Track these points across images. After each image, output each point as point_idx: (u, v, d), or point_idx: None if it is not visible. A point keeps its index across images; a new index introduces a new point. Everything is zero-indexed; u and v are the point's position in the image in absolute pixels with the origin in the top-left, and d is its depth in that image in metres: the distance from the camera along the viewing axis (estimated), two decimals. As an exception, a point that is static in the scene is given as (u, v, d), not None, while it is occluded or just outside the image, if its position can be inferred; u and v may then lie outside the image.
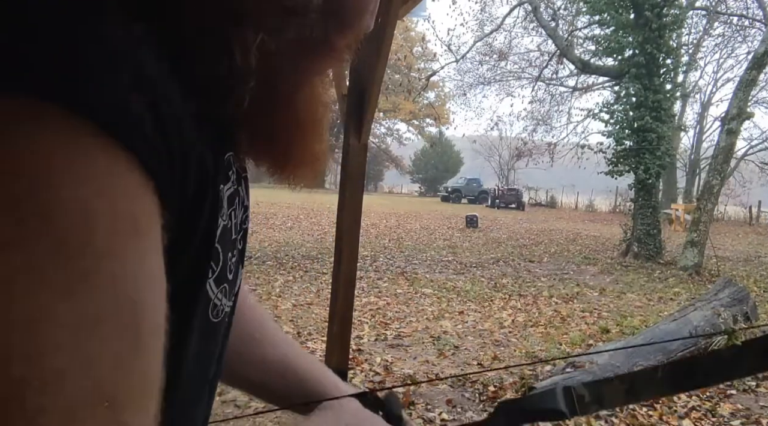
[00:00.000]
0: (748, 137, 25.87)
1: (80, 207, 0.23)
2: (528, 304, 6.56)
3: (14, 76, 0.23)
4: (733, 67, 25.60)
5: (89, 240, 0.23)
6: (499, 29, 18.63)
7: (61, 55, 0.24)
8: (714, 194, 9.78)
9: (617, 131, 11.57)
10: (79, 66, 0.24)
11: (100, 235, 0.23)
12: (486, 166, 44.73)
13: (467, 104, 39.34)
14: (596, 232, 16.85)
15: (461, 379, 3.90)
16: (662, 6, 10.76)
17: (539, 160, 26.97)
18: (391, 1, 1.64)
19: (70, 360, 0.22)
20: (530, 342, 4.93)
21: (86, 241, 0.23)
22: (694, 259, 9.50)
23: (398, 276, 8.06)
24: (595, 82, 21.68)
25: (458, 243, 12.64)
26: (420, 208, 25.55)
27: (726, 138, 9.79)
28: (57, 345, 0.22)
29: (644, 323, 5.59)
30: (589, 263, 10.33)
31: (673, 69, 11.96)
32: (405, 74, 25.06)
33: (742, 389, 3.85)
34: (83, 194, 0.23)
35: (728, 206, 27.38)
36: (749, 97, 11.33)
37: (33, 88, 0.23)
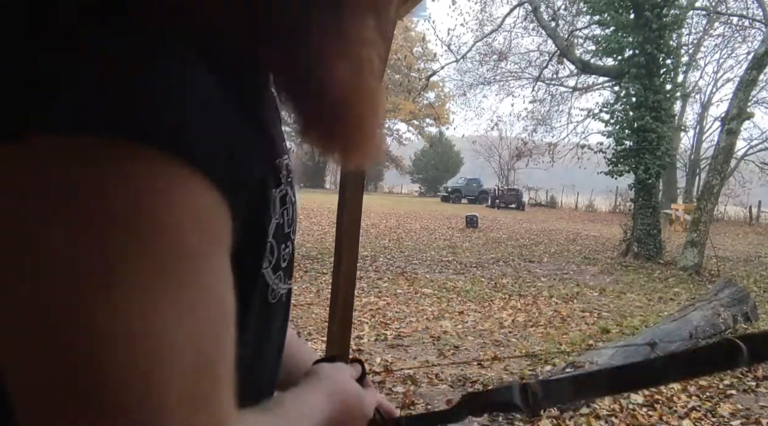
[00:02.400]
0: (748, 137, 25.86)
1: (181, 227, 0.31)
2: (528, 304, 6.56)
3: (124, 125, 0.30)
4: (733, 67, 25.55)
5: (189, 249, 0.32)
6: (499, 29, 18.63)
7: (157, 110, 0.31)
8: (714, 194, 9.79)
9: (617, 131, 11.57)
10: (177, 121, 0.32)
11: (195, 244, 0.32)
12: (486, 166, 44.71)
13: (467, 104, 39.21)
14: (596, 232, 16.85)
15: (461, 379, 3.91)
16: (662, 6, 10.76)
17: (539, 160, 26.95)
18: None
19: (185, 334, 0.31)
20: (530, 342, 4.93)
21: (187, 249, 0.32)
22: (694, 259, 9.50)
23: (398, 276, 8.06)
24: (595, 82, 21.68)
25: (458, 243, 12.64)
26: (420, 208, 25.56)
27: (726, 138, 9.79)
28: (178, 323, 0.31)
29: (644, 323, 5.59)
30: (589, 263, 10.33)
31: (673, 69, 11.96)
32: (405, 74, 25.04)
33: (742, 389, 3.85)
34: (182, 218, 0.31)
35: (728, 206, 27.37)
36: (749, 97, 11.33)
37: (139, 136, 0.30)
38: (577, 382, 0.73)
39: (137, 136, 0.30)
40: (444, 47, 20.47)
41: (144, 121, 0.31)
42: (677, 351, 0.72)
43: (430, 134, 44.21)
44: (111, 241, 0.29)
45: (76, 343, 0.29)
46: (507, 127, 33.13)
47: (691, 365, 0.69)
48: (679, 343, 4.22)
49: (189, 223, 0.32)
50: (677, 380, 0.77)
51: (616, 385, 0.75)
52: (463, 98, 25.86)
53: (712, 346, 0.66)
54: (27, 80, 0.31)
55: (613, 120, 11.76)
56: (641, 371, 0.71)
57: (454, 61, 20.04)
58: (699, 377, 0.61)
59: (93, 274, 0.29)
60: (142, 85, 0.31)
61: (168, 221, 0.31)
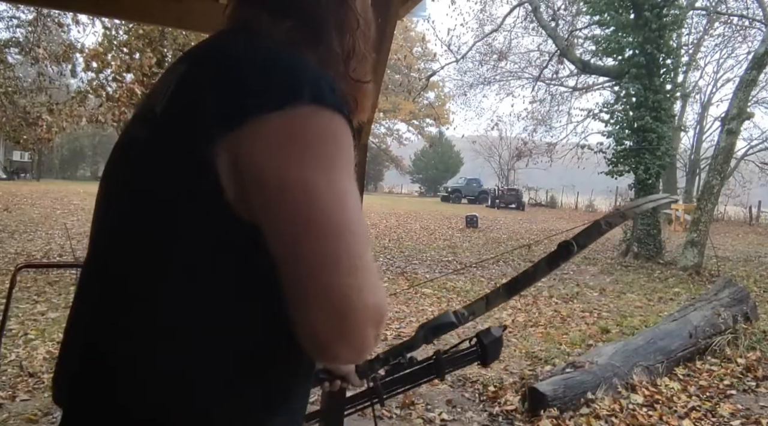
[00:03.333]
0: (748, 137, 25.82)
1: (348, 144, 0.64)
2: (528, 304, 6.56)
3: (331, 103, 0.64)
4: (733, 67, 25.50)
5: (349, 156, 0.64)
6: (499, 29, 18.61)
7: (335, 98, 0.65)
8: (714, 194, 9.78)
9: (617, 131, 11.57)
10: (338, 98, 0.66)
11: (350, 154, 0.65)
12: (486, 166, 44.68)
13: (467, 104, 39.36)
14: (596, 232, 16.83)
15: (461, 379, 3.90)
16: (662, 6, 10.75)
17: (539, 160, 26.93)
18: (391, 1, 1.64)
19: (357, 204, 0.62)
20: (530, 342, 4.93)
21: (349, 157, 0.64)
22: (694, 259, 9.50)
23: (398, 276, 8.06)
24: (595, 82, 21.66)
25: (458, 243, 12.64)
26: (420, 208, 25.55)
27: (726, 138, 9.79)
28: (355, 199, 0.62)
29: (644, 323, 5.59)
30: (589, 263, 10.33)
31: (673, 69, 11.95)
32: (405, 74, 25.01)
33: (742, 389, 3.85)
34: (348, 141, 0.65)
35: (728, 206, 27.37)
36: (749, 97, 11.32)
37: (336, 107, 0.64)
38: (488, 299, 1.12)
39: (335, 107, 0.64)
40: (444, 47, 20.53)
41: (338, 103, 0.65)
42: (539, 260, 1.13)
43: (430, 134, 44.16)
44: (339, 151, 0.63)
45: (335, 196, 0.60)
46: (507, 127, 33.10)
47: (550, 263, 1.11)
48: (679, 343, 4.22)
49: (350, 143, 0.65)
50: (543, 276, 1.15)
51: (509, 293, 1.13)
52: (463, 98, 25.82)
53: (557, 248, 1.09)
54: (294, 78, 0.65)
55: (613, 120, 11.75)
56: (522, 278, 1.11)
57: (454, 61, 20.03)
58: (555, 270, 0.91)
59: (338, 167, 0.62)
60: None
61: (345, 143, 0.64)
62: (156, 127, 0.68)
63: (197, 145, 0.62)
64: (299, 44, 0.72)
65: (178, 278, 0.64)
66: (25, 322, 4.80)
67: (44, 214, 13.78)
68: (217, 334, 0.64)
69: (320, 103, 0.62)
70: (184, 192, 0.63)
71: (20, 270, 2.54)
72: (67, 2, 2.37)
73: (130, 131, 0.74)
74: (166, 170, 0.65)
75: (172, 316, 0.64)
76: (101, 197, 0.75)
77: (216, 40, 0.75)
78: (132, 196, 0.69)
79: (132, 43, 8.26)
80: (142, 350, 0.64)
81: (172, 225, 0.64)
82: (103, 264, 0.71)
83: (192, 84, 0.67)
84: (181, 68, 0.71)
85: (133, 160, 0.71)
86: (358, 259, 0.58)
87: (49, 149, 25.36)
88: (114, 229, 0.71)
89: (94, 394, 0.66)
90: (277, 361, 0.69)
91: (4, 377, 3.55)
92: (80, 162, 44.37)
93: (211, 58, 0.69)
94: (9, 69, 10.50)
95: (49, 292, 6.02)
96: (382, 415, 3.26)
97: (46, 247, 9.26)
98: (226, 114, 0.61)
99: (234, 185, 0.61)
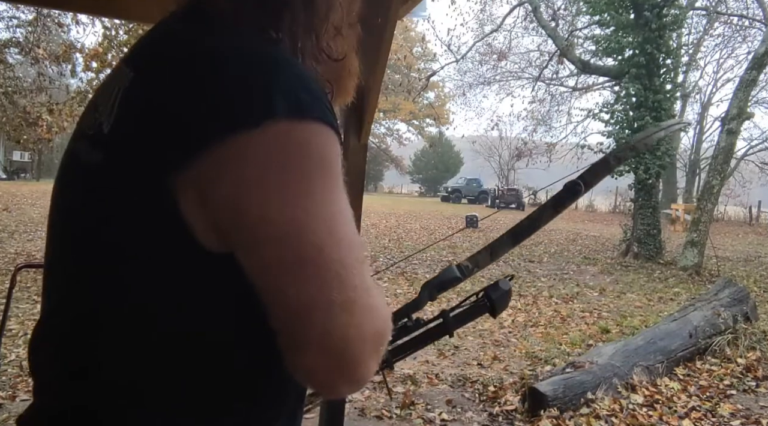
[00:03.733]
0: (748, 137, 25.78)
1: (334, 155, 0.56)
2: (528, 304, 6.56)
3: (310, 113, 0.55)
4: (733, 67, 25.50)
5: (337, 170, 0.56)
6: (499, 29, 18.60)
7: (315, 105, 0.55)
8: (714, 194, 9.78)
9: (617, 131, 11.56)
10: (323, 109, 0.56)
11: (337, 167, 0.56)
12: (486, 166, 44.65)
13: (467, 104, 39.31)
14: (596, 232, 16.85)
15: (461, 379, 3.90)
16: (662, 6, 10.75)
17: (539, 160, 26.93)
18: (391, 1, 1.63)
19: (349, 225, 0.55)
20: (530, 342, 4.93)
21: (337, 171, 0.56)
22: (694, 259, 9.50)
23: (398, 276, 8.06)
24: (595, 82, 21.66)
25: (458, 243, 12.64)
26: (420, 208, 25.55)
27: (726, 138, 9.79)
28: (346, 219, 0.55)
29: (644, 323, 5.59)
30: (589, 263, 10.33)
31: (673, 69, 11.94)
32: (405, 74, 25.00)
33: (742, 389, 3.85)
34: (334, 153, 0.56)
35: (728, 206, 27.36)
36: (749, 97, 11.32)
37: (316, 116, 0.55)
38: (492, 249, 1.06)
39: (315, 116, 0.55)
40: (444, 47, 20.48)
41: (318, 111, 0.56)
42: (545, 202, 1.10)
43: (430, 134, 44.13)
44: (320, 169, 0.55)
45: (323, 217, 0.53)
46: (507, 127, 33.11)
47: (556, 205, 1.05)
48: (679, 343, 4.22)
49: (336, 157, 0.56)
50: (549, 220, 1.07)
51: (515, 240, 1.07)
52: (463, 98, 25.81)
53: (563, 189, 1.04)
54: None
55: (613, 120, 11.75)
56: (527, 223, 1.06)
57: (454, 61, 20.02)
58: (561, 212, 0.86)
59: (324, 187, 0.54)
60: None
61: (332, 157, 0.56)
62: (105, 148, 0.58)
63: (152, 173, 0.53)
64: (265, 26, 0.62)
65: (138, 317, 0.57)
66: (25, 322, 4.80)
67: (44, 214, 13.74)
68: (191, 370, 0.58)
69: (298, 115, 0.53)
70: (141, 226, 0.55)
71: (20, 270, 2.54)
72: (67, 2, 2.37)
73: (75, 151, 0.64)
74: (120, 200, 0.56)
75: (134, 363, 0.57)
76: (50, 225, 0.67)
77: (163, 34, 0.63)
78: (82, 229, 0.60)
79: (132, 43, 8.26)
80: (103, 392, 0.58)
81: (129, 260, 0.56)
82: (57, 296, 0.64)
83: (140, 96, 0.57)
84: (128, 75, 0.60)
85: (82, 188, 0.61)
86: (352, 292, 0.52)
87: (49, 149, 25.34)
88: (65, 259, 0.63)
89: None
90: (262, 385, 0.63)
91: (4, 377, 3.55)
92: (80, 162, 44.41)
93: (159, 62, 0.59)
94: (9, 69, 10.50)
95: (49, 292, 6.02)
96: (383, 414, 3.26)
97: (46, 247, 9.25)
98: (183, 136, 0.52)
99: (200, 219, 0.54)
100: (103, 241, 0.58)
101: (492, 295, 0.98)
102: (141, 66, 0.61)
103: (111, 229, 0.57)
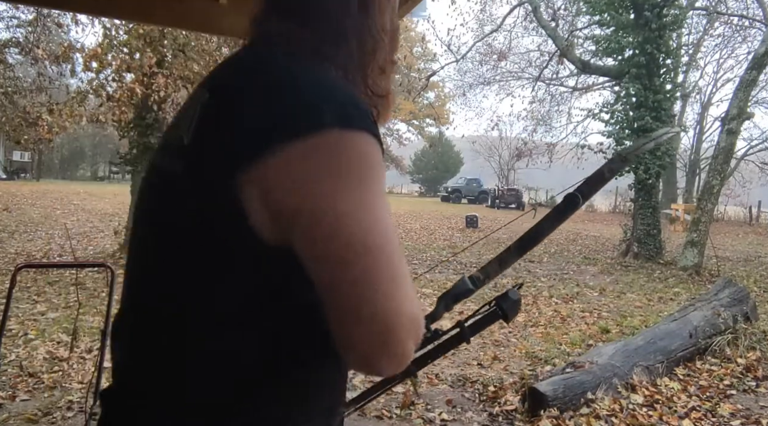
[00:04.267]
0: (748, 137, 25.77)
1: (377, 161, 0.64)
2: (528, 304, 6.56)
3: (357, 124, 0.63)
4: (733, 67, 25.48)
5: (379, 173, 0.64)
6: (499, 29, 18.59)
7: (362, 118, 0.65)
8: (714, 194, 9.78)
9: (617, 131, 11.56)
10: (369, 122, 0.65)
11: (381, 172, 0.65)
12: (486, 166, 44.63)
13: (467, 104, 39.41)
14: (596, 232, 16.85)
15: (461, 379, 3.90)
16: (662, 6, 10.75)
17: (539, 160, 26.93)
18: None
19: (390, 220, 0.64)
20: (530, 342, 4.93)
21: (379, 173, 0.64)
22: (694, 259, 9.50)
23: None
24: (595, 82, 21.65)
25: (458, 243, 12.64)
26: (420, 208, 25.54)
27: (726, 138, 9.79)
28: (388, 214, 0.64)
29: (644, 323, 5.59)
30: (589, 263, 10.33)
31: (673, 69, 11.94)
32: (405, 74, 25.00)
33: (742, 389, 3.85)
34: (377, 158, 0.64)
35: (728, 206, 27.36)
36: (749, 98, 11.32)
37: (362, 127, 0.64)
38: (500, 260, 1.18)
39: (362, 127, 0.64)
40: (444, 47, 20.49)
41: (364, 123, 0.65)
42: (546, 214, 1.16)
43: (430, 134, 44.11)
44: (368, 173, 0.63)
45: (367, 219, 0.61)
46: (507, 127, 33.20)
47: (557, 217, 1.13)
48: (679, 343, 4.22)
49: (380, 164, 0.65)
50: (550, 231, 1.16)
51: (521, 251, 1.16)
52: (463, 98, 25.80)
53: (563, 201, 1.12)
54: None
55: (613, 120, 11.75)
56: (530, 235, 1.14)
57: (454, 61, 20.02)
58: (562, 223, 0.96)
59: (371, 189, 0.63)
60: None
61: (377, 164, 0.64)
62: (185, 158, 0.68)
63: (223, 175, 0.62)
64: (323, 58, 0.72)
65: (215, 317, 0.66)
66: (25, 322, 4.80)
67: (44, 214, 13.78)
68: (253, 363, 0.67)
69: (347, 126, 0.62)
70: (213, 225, 0.64)
71: (20, 270, 2.53)
72: (67, 2, 2.37)
73: (160, 164, 0.75)
74: (198, 202, 0.65)
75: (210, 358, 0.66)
76: (138, 233, 0.77)
77: (236, 61, 0.75)
78: (169, 231, 0.69)
79: (132, 43, 8.26)
80: (176, 384, 0.68)
81: (208, 260, 0.66)
82: (142, 304, 0.73)
83: (214, 112, 0.67)
84: (204, 95, 0.70)
85: (165, 195, 0.71)
86: (396, 278, 0.61)
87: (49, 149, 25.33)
88: (152, 260, 0.72)
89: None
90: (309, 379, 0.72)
91: (4, 377, 3.55)
92: (80, 162, 44.34)
93: (233, 85, 0.69)
94: (9, 69, 10.50)
95: (49, 292, 6.02)
96: (383, 414, 3.26)
97: (46, 247, 9.26)
98: (251, 141, 0.62)
99: (262, 214, 0.62)
100: (181, 242, 0.67)
101: (503, 305, 1.07)
102: (216, 87, 0.71)
103: (189, 231, 0.66)
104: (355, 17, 0.74)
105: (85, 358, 4.01)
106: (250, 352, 0.67)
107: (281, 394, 0.70)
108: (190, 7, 2.10)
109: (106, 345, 2.53)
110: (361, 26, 0.74)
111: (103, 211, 15.33)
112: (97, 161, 42.86)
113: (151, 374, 0.69)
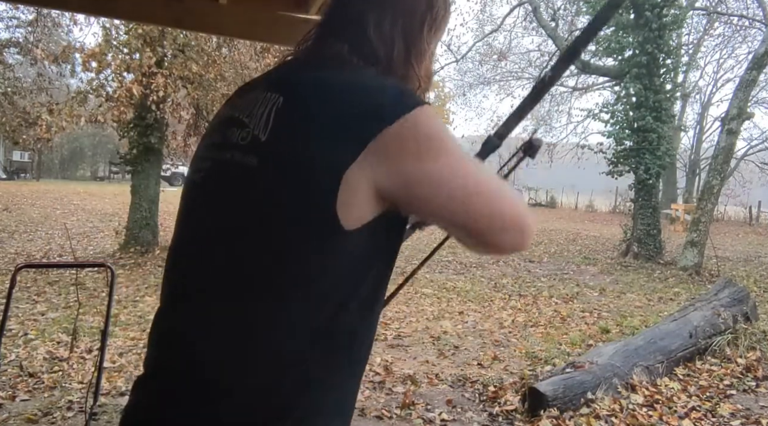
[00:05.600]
0: (748, 137, 25.72)
1: (443, 125, 0.79)
2: (528, 304, 6.56)
3: (419, 102, 0.78)
4: (733, 67, 25.40)
5: (449, 130, 0.80)
6: (499, 29, 18.63)
7: (418, 98, 0.79)
8: (714, 194, 9.78)
9: (617, 131, 11.56)
10: (422, 100, 0.80)
11: (448, 129, 0.80)
12: (486, 166, 44.59)
13: (467, 104, 39.32)
14: (596, 232, 16.84)
15: (461, 379, 3.90)
16: (662, 6, 10.75)
17: (539, 160, 26.89)
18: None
19: (469, 159, 0.80)
20: (530, 342, 4.93)
21: (450, 131, 0.80)
22: (694, 259, 9.50)
23: (398, 276, 8.00)
24: (595, 82, 21.66)
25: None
26: (420, 208, 25.46)
27: (726, 138, 9.78)
28: (465, 155, 0.79)
29: (644, 323, 5.59)
30: (589, 263, 10.33)
31: (673, 69, 11.93)
32: (405, 74, 24.99)
33: (742, 389, 3.85)
34: (441, 122, 0.79)
35: (728, 206, 27.32)
36: (749, 98, 11.31)
37: (422, 102, 0.78)
38: (519, 112, 1.29)
39: (424, 103, 0.78)
40: (444, 47, 20.46)
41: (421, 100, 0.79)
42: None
43: (430, 134, 44.07)
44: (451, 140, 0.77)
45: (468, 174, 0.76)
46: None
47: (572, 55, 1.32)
48: (679, 343, 4.22)
49: (448, 131, 0.79)
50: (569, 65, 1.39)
51: (535, 99, 1.29)
52: (463, 98, 25.87)
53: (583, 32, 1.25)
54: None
55: (613, 120, 11.74)
56: (550, 75, 1.28)
57: (454, 61, 20.04)
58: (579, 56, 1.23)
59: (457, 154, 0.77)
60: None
61: (446, 131, 0.78)
62: (262, 153, 0.77)
63: (322, 164, 0.72)
64: (371, 63, 0.86)
65: (298, 299, 0.74)
66: (25, 322, 4.80)
67: (44, 214, 13.78)
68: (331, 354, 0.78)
69: (418, 104, 0.76)
70: (305, 210, 0.73)
71: (20, 270, 2.53)
72: (67, 2, 2.37)
73: (225, 159, 0.81)
74: (283, 189, 0.74)
75: (293, 344, 0.75)
76: (197, 223, 0.84)
77: (306, 70, 0.86)
78: (245, 217, 0.77)
79: (132, 43, 8.26)
80: (262, 378, 0.74)
81: (296, 244, 0.74)
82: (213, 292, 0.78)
83: (295, 113, 0.77)
84: (275, 97, 0.80)
85: (238, 188, 0.79)
86: (502, 191, 0.77)
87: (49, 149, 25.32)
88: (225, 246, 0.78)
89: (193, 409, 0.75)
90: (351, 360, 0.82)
91: (4, 377, 3.55)
92: (80, 162, 44.31)
93: (315, 87, 0.80)
94: (9, 69, 10.50)
95: (49, 292, 6.02)
96: (383, 414, 3.26)
97: (46, 247, 9.26)
98: (350, 137, 0.73)
99: (366, 193, 0.73)
100: (261, 227, 0.76)
101: (528, 151, 1.26)
102: (289, 91, 0.81)
103: (270, 216, 0.75)
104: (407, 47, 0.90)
105: (85, 358, 4.01)
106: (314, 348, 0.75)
107: (332, 396, 0.79)
108: (190, 7, 2.10)
109: (106, 345, 2.53)
110: (415, 48, 0.91)
111: (103, 211, 15.33)
112: (97, 161, 42.83)
113: (227, 358, 0.74)
